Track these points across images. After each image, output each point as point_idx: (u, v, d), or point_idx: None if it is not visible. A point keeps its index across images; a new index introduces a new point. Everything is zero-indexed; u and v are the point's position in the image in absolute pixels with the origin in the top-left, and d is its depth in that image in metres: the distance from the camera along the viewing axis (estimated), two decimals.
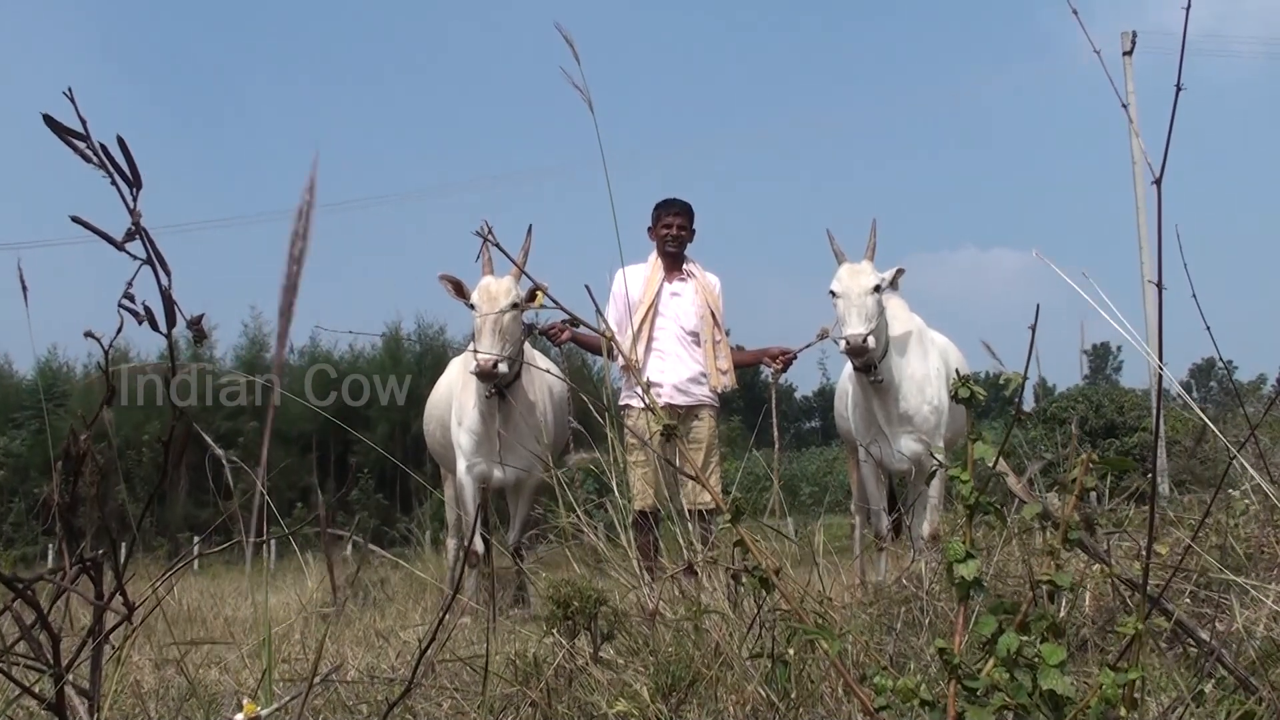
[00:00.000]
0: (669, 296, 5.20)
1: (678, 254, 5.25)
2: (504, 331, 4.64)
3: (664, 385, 5.06)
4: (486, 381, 4.69)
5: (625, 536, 2.83)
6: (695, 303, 5.19)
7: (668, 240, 5.22)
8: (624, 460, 3.22)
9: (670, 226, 5.22)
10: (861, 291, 4.70)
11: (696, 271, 5.28)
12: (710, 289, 5.26)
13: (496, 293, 4.71)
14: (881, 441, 4.91)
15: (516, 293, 4.74)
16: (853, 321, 4.65)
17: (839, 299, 4.75)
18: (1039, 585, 1.41)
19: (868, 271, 4.78)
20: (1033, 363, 1.54)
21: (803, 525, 5.13)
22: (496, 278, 4.80)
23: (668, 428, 1.66)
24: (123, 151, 1.17)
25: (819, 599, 2.07)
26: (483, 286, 4.75)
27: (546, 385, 5.15)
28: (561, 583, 2.27)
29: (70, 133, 1.16)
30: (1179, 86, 1.44)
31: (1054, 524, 1.46)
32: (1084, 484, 1.44)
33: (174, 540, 18.23)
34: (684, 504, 3.80)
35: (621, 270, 5.06)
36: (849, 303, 4.70)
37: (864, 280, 4.73)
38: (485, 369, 4.54)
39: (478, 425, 4.99)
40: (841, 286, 4.75)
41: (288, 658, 2.91)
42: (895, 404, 4.89)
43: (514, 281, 4.76)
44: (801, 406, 50.86)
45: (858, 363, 4.81)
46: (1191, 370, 49.80)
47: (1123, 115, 2.49)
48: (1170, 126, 1.40)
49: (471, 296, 4.79)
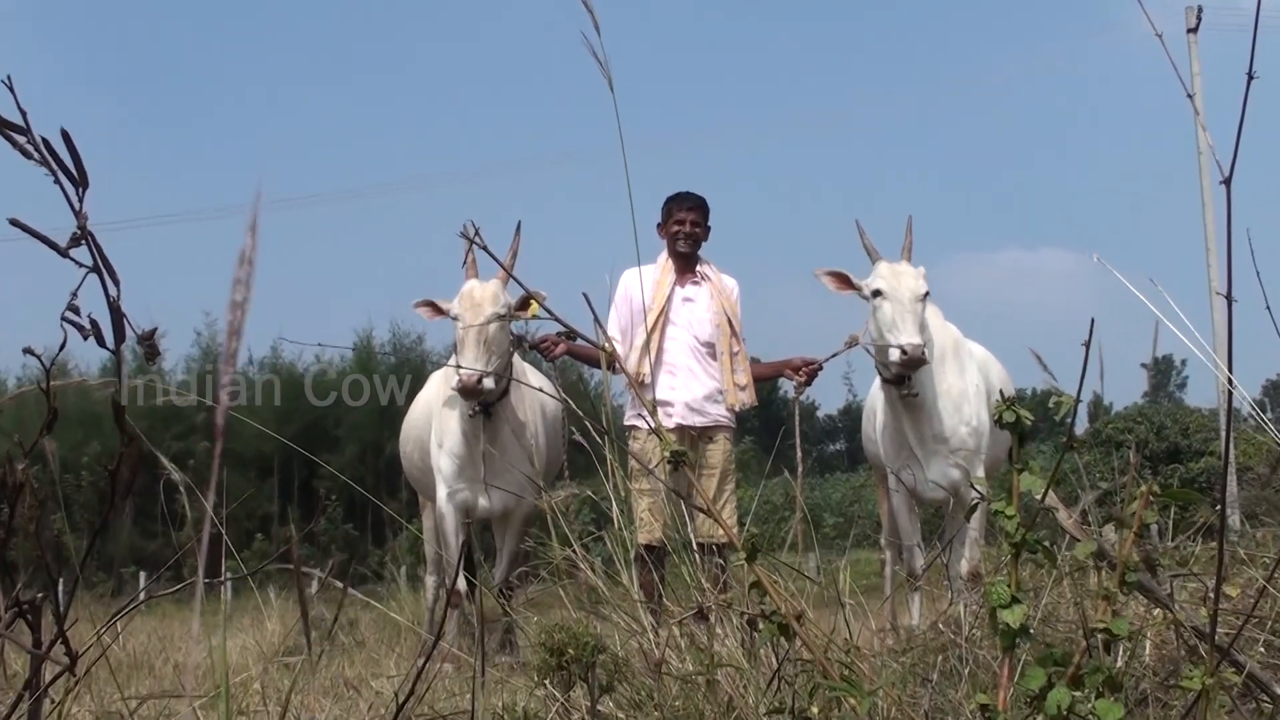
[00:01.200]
0: (681, 303, 5.15)
1: (691, 254, 5.21)
2: (490, 343, 4.62)
3: (675, 404, 5.02)
4: (470, 399, 4.68)
5: (627, 574, 2.83)
6: (711, 309, 5.14)
7: (679, 238, 5.18)
8: (624, 487, 3.22)
9: (683, 223, 5.17)
10: (913, 295, 4.66)
11: (711, 274, 5.24)
12: (727, 294, 5.22)
13: (481, 299, 4.70)
14: (914, 466, 4.89)
15: (504, 299, 4.74)
16: (907, 327, 4.59)
17: (886, 301, 4.68)
18: (1093, 633, 1.41)
19: (918, 274, 4.75)
20: (1088, 377, 1.55)
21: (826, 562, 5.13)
22: (482, 282, 4.79)
23: (676, 455, 1.66)
24: (67, 147, 1.18)
25: (845, 647, 2.07)
26: (465, 293, 4.74)
27: (538, 403, 5.15)
28: (555, 627, 2.27)
29: (9, 125, 1.17)
30: (1251, 74, 1.45)
31: (1110, 564, 1.47)
32: (1144, 518, 1.45)
33: (118, 576, 18.22)
34: (694, 537, 3.79)
35: (635, 270, 5.01)
36: (900, 307, 4.64)
37: (915, 283, 4.70)
38: (468, 386, 4.53)
39: (461, 447, 4.98)
40: (889, 286, 4.69)
41: (246, 710, 2.91)
42: (929, 424, 4.87)
43: (501, 286, 4.75)
44: (825, 427, 50.91)
45: (904, 373, 4.70)
46: (1265, 387, 49.68)
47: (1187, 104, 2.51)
48: (1241, 120, 1.41)
49: (453, 305, 4.78)
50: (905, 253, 4.89)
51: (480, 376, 4.54)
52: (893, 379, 4.80)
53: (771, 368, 5.33)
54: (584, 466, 4.00)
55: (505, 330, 4.74)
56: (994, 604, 1.41)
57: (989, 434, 4.94)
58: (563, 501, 3.17)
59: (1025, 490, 1.44)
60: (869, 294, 4.77)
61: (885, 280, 4.71)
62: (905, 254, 4.88)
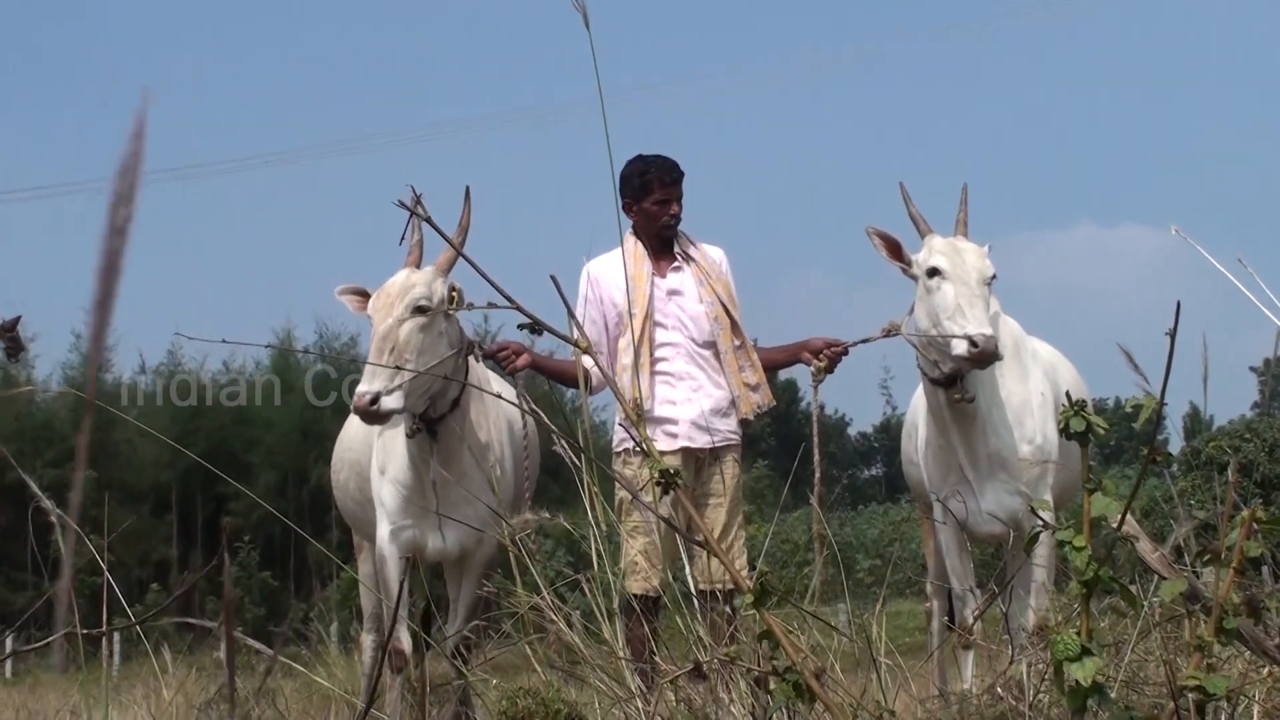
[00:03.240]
0: (665, 297, 5.04)
1: (672, 237, 5.14)
2: (401, 349, 4.54)
3: (679, 422, 4.95)
4: (371, 424, 4.61)
5: (610, 628, 2.83)
6: (704, 300, 5.06)
7: (665, 224, 5.08)
8: (606, 520, 3.22)
9: (668, 202, 5.03)
10: (980, 277, 4.64)
11: (693, 251, 5.14)
12: (716, 270, 5.13)
13: (394, 294, 4.63)
14: (965, 494, 4.88)
15: (428, 290, 4.63)
16: (976, 314, 4.53)
17: (946, 282, 4.64)
18: (1183, 692, 1.42)
19: (982, 253, 4.73)
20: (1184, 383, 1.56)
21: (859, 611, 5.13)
22: (410, 272, 4.72)
23: (667, 475, 1.67)
24: None
25: (878, 712, 2.08)
26: (381, 288, 4.70)
27: (504, 418, 5.14)
28: (520, 692, 2.27)
29: None
30: None
31: (1204, 607, 1.48)
32: (1246, 551, 1.46)
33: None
34: (695, 582, 3.80)
35: (600, 261, 4.98)
36: (966, 289, 4.59)
37: (981, 262, 4.68)
38: (360, 407, 4.41)
39: (407, 474, 4.97)
40: (951, 265, 4.65)
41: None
42: (983, 441, 4.85)
43: (431, 275, 4.67)
44: (858, 447, 50.91)
45: (967, 370, 4.65)
46: None
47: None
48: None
49: (369, 303, 4.72)
50: (960, 227, 4.87)
51: (376, 395, 4.38)
52: (942, 379, 4.75)
53: (786, 352, 5.20)
54: (558, 498, 4.00)
55: (433, 330, 4.64)
56: (1060, 657, 1.42)
57: (1057, 452, 4.93)
58: (524, 526, 3.13)
59: (1098, 516, 1.45)
60: (923, 272, 4.72)
61: (946, 257, 4.68)
62: (960, 228, 4.86)
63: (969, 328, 4.50)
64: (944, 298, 4.63)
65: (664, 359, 5.02)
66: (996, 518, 4.84)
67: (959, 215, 4.91)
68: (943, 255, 4.69)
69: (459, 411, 4.88)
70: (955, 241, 4.77)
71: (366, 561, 5.87)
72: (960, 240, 4.79)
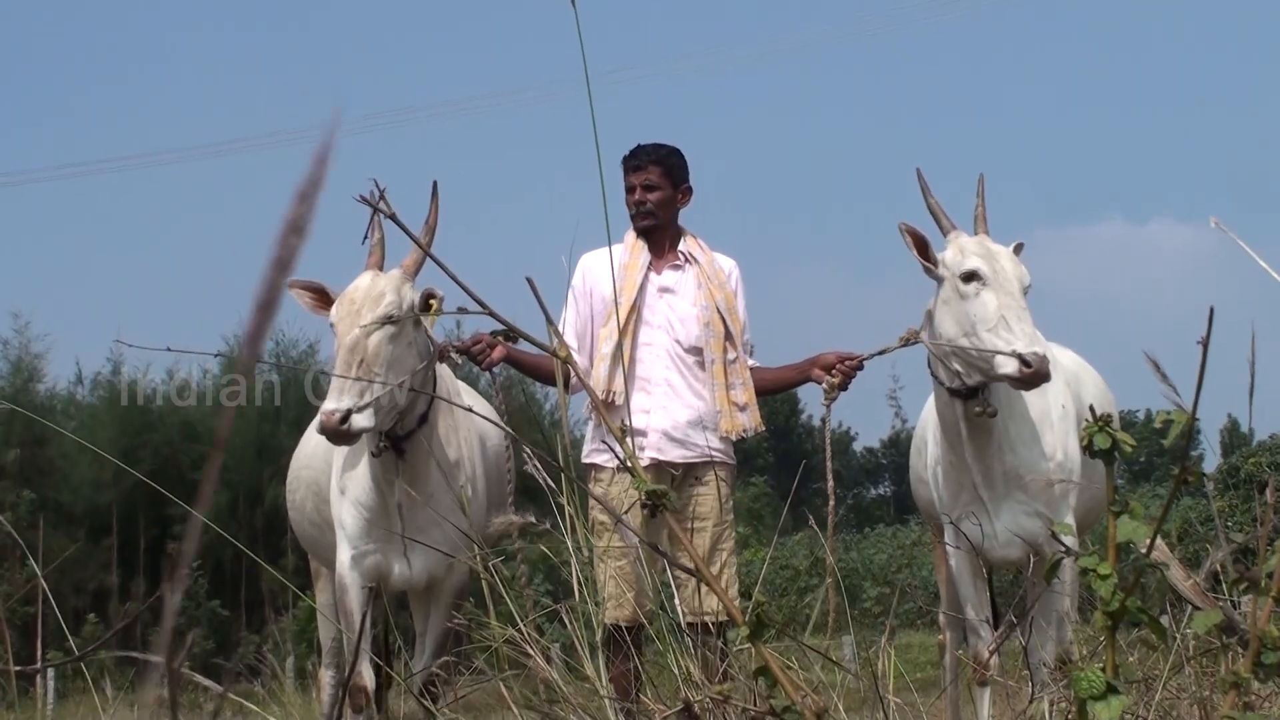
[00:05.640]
0: (656, 294, 5.10)
1: (654, 230, 5.16)
2: (370, 361, 4.53)
3: (648, 433, 4.99)
4: (338, 443, 4.60)
5: (592, 663, 2.83)
6: (697, 302, 5.10)
7: (633, 213, 5.15)
8: (589, 547, 3.22)
9: (633, 190, 5.12)
10: (1021, 285, 4.55)
11: (700, 254, 5.22)
12: (720, 279, 5.17)
13: (360, 301, 4.63)
14: (979, 515, 4.88)
15: (400, 297, 4.65)
16: (1025, 329, 4.41)
17: (987, 290, 4.52)
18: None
19: (1015, 257, 4.67)
20: (1224, 394, 1.56)
21: (865, 644, 5.12)
22: (375, 276, 4.72)
23: (654, 496, 1.67)
24: None
25: None
26: (347, 291, 4.69)
27: (476, 434, 5.14)
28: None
29: None
30: None
31: (1241, 640, 1.48)
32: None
33: None
34: (681, 614, 3.80)
35: (600, 253, 4.98)
36: (1011, 299, 4.48)
37: (1018, 267, 4.60)
38: (330, 427, 4.39)
39: (370, 495, 4.97)
40: (990, 269, 4.54)
41: None
42: (998, 457, 4.84)
43: (399, 280, 4.68)
44: (864, 464, 50.89)
45: (1018, 389, 4.57)
46: None
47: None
48: None
49: (332, 310, 4.71)
50: (980, 223, 4.82)
51: (345, 413, 4.37)
52: (963, 389, 4.71)
53: (795, 370, 5.16)
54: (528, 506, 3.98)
55: (403, 341, 4.64)
56: (1084, 695, 1.42)
57: (1080, 470, 4.92)
58: (505, 526, 3.08)
59: (1125, 540, 1.45)
60: (955, 275, 4.61)
61: (983, 260, 4.57)
62: (980, 225, 4.81)
63: (1017, 344, 4.37)
64: (983, 307, 4.51)
65: (640, 360, 5.04)
66: (1016, 540, 4.84)
67: (977, 210, 4.85)
68: (980, 258, 4.57)
69: (427, 427, 4.87)
70: (985, 242, 4.69)
71: (325, 590, 5.86)
72: (988, 240, 4.72)
